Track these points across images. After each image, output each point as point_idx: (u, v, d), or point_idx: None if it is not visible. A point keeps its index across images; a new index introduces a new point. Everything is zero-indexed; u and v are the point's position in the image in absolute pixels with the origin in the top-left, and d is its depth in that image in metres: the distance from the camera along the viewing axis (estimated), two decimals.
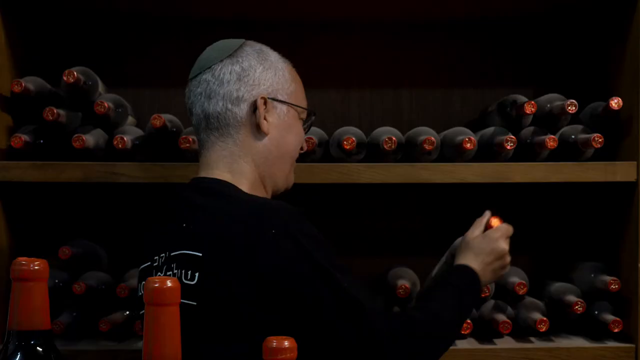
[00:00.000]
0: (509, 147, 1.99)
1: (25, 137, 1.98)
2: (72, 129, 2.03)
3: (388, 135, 1.97)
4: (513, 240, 1.78)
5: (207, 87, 1.58)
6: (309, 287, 1.42)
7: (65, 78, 1.97)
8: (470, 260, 1.71)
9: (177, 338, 0.96)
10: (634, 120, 2.05)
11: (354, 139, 1.98)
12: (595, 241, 2.24)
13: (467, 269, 1.69)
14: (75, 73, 1.97)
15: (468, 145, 1.97)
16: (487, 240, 1.74)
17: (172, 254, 1.50)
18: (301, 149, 1.69)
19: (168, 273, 1.50)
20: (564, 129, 2.10)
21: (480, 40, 2.35)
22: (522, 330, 2.07)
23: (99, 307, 2.05)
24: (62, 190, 2.22)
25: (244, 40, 1.64)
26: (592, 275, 2.11)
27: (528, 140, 2.07)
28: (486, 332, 2.08)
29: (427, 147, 1.97)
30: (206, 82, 1.58)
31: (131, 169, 2.00)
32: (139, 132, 2.08)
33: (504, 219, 1.72)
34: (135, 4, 2.19)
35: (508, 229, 1.78)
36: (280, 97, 1.60)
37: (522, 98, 2.10)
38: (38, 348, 1.06)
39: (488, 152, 2.07)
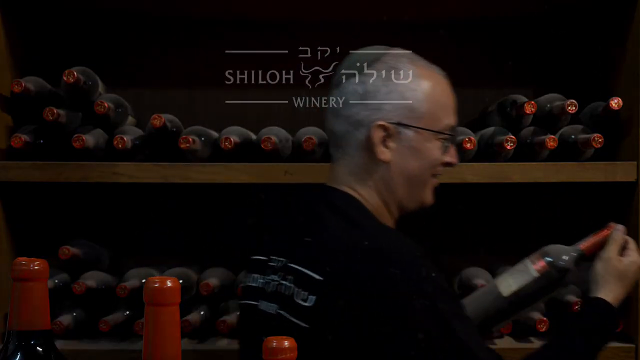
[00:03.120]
0: (509, 147, 1.99)
1: (25, 137, 1.98)
2: (72, 129, 2.03)
3: None
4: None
5: (334, 105, 1.54)
6: (426, 332, 1.37)
7: (65, 78, 1.97)
8: (615, 288, 1.60)
9: (177, 338, 0.96)
10: (634, 120, 2.05)
11: None
12: None
13: (607, 308, 1.58)
14: (75, 73, 1.98)
15: (468, 145, 1.97)
16: (630, 264, 1.62)
17: (290, 264, 1.46)
18: (448, 164, 1.58)
19: (283, 282, 1.45)
20: (564, 129, 2.10)
21: (480, 40, 2.35)
22: (522, 330, 2.07)
23: (99, 307, 2.06)
24: (62, 190, 2.22)
25: (385, 51, 1.57)
26: None
27: (528, 140, 2.07)
28: None
29: None
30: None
31: (131, 169, 2.00)
32: (139, 132, 2.08)
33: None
34: (135, 4, 2.19)
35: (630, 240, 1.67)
36: (406, 122, 1.50)
37: (522, 98, 2.10)
38: (38, 348, 1.06)
39: (488, 152, 2.06)
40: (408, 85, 1.51)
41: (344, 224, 1.45)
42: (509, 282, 1.59)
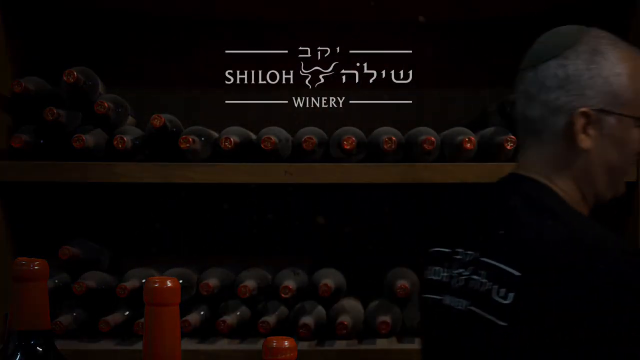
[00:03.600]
0: (509, 147, 1.99)
1: (25, 137, 1.98)
2: (72, 129, 2.03)
3: (388, 135, 1.97)
4: None
5: (528, 88, 1.47)
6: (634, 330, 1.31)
7: (65, 78, 1.97)
8: None
9: (177, 338, 0.96)
10: None
11: (354, 139, 1.98)
12: None
13: None
14: (75, 73, 1.98)
15: (468, 145, 1.97)
16: None
17: (483, 258, 1.39)
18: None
19: (474, 277, 1.40)
20: None
21: (480, 40, 2.35)
22: None
23: (99, 307, 2.06)
24: (62, 190, 2.22)
25: (582, 31, 1.47)
26: None
27: None
28: None
29: (427, 147, 1.97)
30: (528, 82, 1.47)
31: (131, 169, 2.00)
32: (139, 132, 2.08)
33: None
34: (135, 4, 2.19)
35: None
36: (608, 108, 1.42)
37: None
38: (38, 348, 1.06)
39: (488, 152, 2.06)
40: (612, 69, 1.42)
41: (543, 216, 1.39)
42: None
